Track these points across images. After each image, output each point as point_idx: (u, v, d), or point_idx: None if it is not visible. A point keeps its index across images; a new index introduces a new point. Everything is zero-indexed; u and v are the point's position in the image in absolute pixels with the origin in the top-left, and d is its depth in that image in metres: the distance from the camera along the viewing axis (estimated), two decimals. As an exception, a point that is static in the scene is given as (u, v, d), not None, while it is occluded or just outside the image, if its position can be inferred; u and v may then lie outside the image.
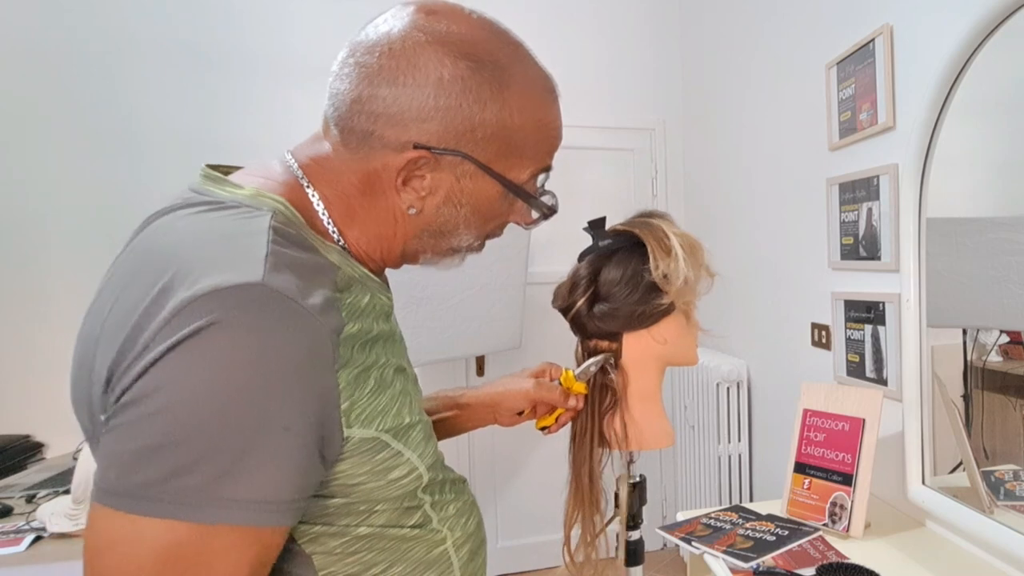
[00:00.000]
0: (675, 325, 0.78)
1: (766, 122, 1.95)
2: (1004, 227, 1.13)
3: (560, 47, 2.51)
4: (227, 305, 0.41)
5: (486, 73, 0.52)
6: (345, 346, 0.49)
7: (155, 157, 2.13)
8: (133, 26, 2.14)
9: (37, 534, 1.32)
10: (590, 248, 0.80)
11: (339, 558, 0.53)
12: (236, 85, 2.20)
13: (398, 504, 0.56)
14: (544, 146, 0.58)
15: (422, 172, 0.53)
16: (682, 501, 2.40)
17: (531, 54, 0.58)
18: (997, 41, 1.05)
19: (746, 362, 2.10)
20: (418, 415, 0.57)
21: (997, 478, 1.11)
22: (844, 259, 1.52)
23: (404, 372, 0.58)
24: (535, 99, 0.56)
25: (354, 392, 0.49)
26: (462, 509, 0.63)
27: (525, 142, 0.56)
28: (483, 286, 2.05)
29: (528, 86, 0.55)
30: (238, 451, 0.41)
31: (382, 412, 0.52)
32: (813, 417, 1.30)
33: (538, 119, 0.56)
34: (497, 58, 0.53)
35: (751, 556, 1.10)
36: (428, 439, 0.58)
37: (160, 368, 0.40)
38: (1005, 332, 1.16)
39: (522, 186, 0.58)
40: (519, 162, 0.56)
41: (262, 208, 0.50)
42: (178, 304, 0.41)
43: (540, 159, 0.59)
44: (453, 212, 0.56)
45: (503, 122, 0.53)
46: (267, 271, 0.43)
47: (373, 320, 0.54)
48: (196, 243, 0.46)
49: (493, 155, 0.54)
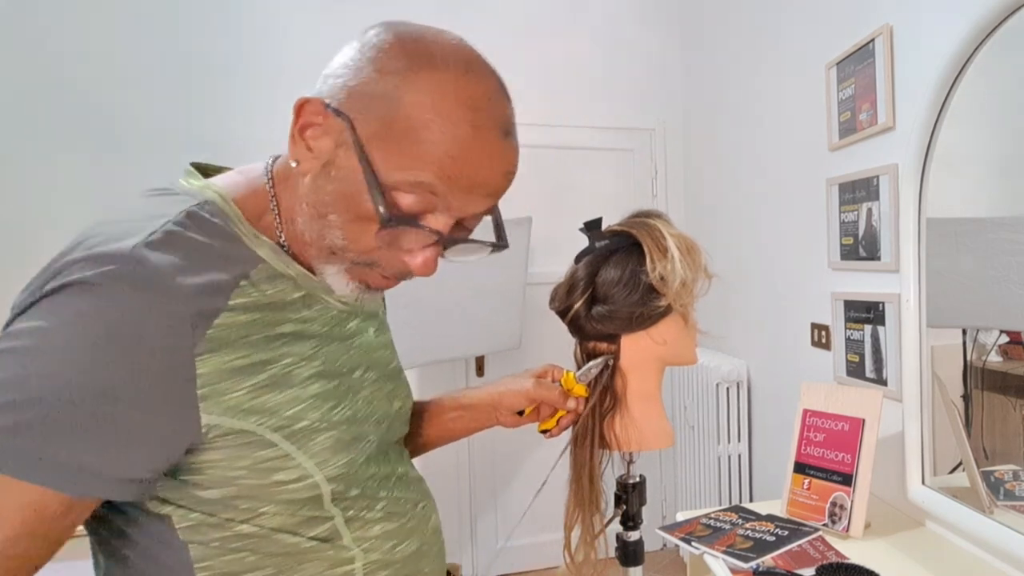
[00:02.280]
0: (674, 326, 0.78)
1: (766, 122, 1.95)
2: (1004, 227, 1.13)
3: (560, 47, 2.51)
4: (89, 268, 0.44)
5: (404, 51, 0.49)
6: (222, 332, 0.48)
7: (155, 159, 2.12)
8: (134, 31, 2.14)
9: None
10: (587, 249, 0.80)
11: (218, 552, 0.52)
12: (236, 90, 2.20)
13: (293, 510, 0.54)
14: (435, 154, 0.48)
15: (315, 131, 0.50)
16: (682, 501, 2.40)
17: (488, 81, 0.51)
18: (997, 41, 1.05)
19: (746, 362, 2.10)
20: (329, 422, 0.55)
21: (997, 478, 1.11)
22: (844, 259, 1.52)
23: (332, 377, 0.57)
24: (452, 103, 0.48)
25: (225, 381, 0.48)
26: (392, 533, 0.61)
27: (414, 136, 0.47)
28: (483, 286, 2.05)
29: (446, 88, 0.48)
30: (42, 406, 0.42)
31: (270, 410, 0.51)
32: (813, 417, 1.29)
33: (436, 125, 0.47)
34: (429, 49, 0.49)
35: (751, 556, 1.10)
36: (342, 450, 0.56)
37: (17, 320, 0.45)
38: (1005, 332, 1.16)
39: (387, 185, 0.48)
40: (398, 159, 0.48)
41: (199, 197, 0.53)
42: (60, 264, 0.45)
43: (422, 166, 0.48)
44: (324, 186, 0.50)
45: (394, 101, 0.47)
46: (143, 245, 0.46)
47: (296, 316, 0.54)
48: (112, 221, 0.50)
49: (372, 133, 0.48)
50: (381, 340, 0.68)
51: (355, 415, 0.59)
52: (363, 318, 0.65)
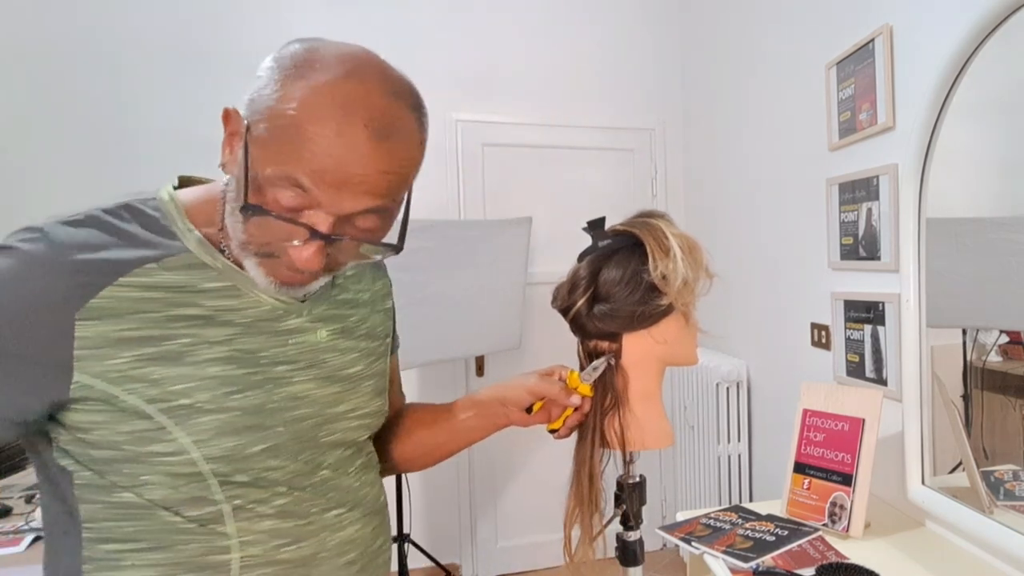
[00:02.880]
0: (675, 325, 0.78)
1: (766, 122, 1.95)
2: (1004, 227, 1.13)
3: (560, 47, 2.51)
4: (14, 236, 0.54)
5: (294, 62, 0.54)
6: (107, 302, 0.54)
7: (155, 158, 2.12)
8: (134, 27, 2.14)
9: (36, 534, 1.32)
10: (589, 248, 0.80)
11: (103, 516, 0.56)
12: (236, 87, 2.20)
13: (176, 485, 0.56)
14: (299, 151, 0.51)
15: (232, 141, 0.57)
16: (682, 501, 2.40)
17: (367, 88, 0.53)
18: (997, 41, 1.05)
19: (746, 362, 2.10)
20: (219, 406, 0.56)
21: (997, 478, 1.11)
22: (844, 259, 1.52)
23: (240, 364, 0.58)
24: (320, 106, 0.51)
25: (107, 347, 0.53)
26: (283, 532, 0.60)
27: (282, 133, 0.51)
28: (483, 286, 2.05)
29: (321, 92, 0.51)
30: None
31: (152, 382, 0.54)
32: (813, 417, 1.30)
33: (307, 123, 0.51)
34: (315, 60, 0.53)
35: (751, 556, 1.10)
36: (229, 434, 0.57)
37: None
38: (1005, 332, 1.16)
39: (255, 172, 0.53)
40: (268, 153, 0.52)
41: (150, 195, 0.61)
42: None
43: (287, 162, 0.52)
44: (229, 183, 0.57)
45: (276, 100, 0.53)
46: (59, 222, 0.56)
47: (205, 303, 0.58)
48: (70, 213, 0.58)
49: (255, 129, 0.54)
50: (337, 344, 0.67)
51: (262, 405, 0.59)
52: (312, 319, 0.65)
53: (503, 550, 2.48)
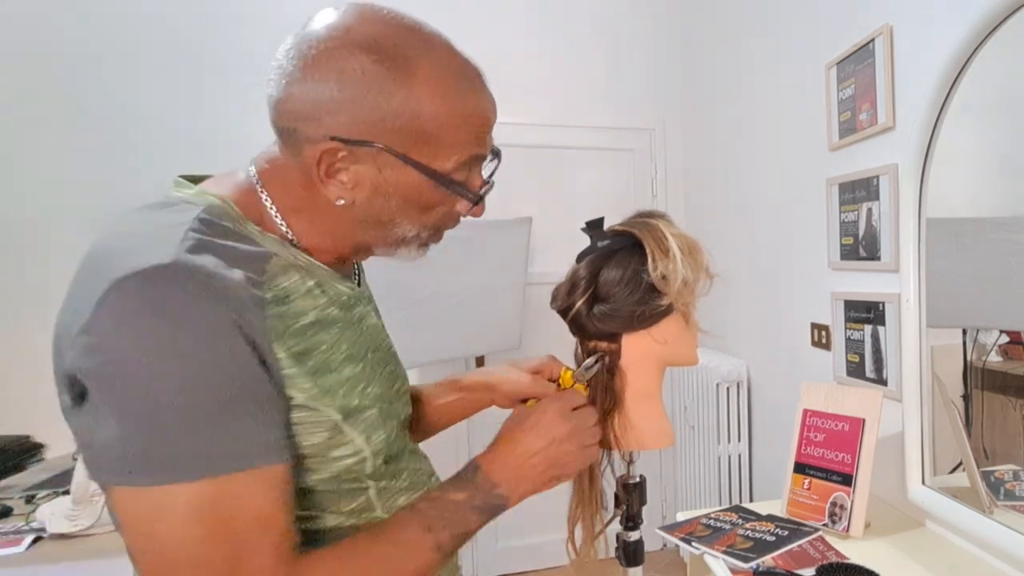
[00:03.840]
0: (675, 326, 0.78)
1: (766, 122, 1.95)
2: (1004, 227, 1.13)
3: (560, 47, 2.51)
4: (148, 283, 0.44)
5: (389, 64, 0.52)
6: (274, 322, 0.51)
7: (156, 158, 2.12)
8: (134, 27, 2.14)
9: (37, 535, 1.32)
10: (589, 249, 0.80)
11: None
12: (237, 86, 2.20)
13: (337, 486, 0.57)
14: (465, 133, 0.56)
15: (343, 164, 0.54)
16: (682, 501, 2.40)
17: (448, 44, 0.57)
18: (997, 41, 1.05)
19: (746, 362, 2.10)
20: (368, 400, 0.59)
21: (997, 478, 1.11)
22: (844, 259, 1.52)
23: (357, 359, 0.59)
24: (448, 87, 0.55)
25: (293, 367, 0.52)
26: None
27: (442, 130, 0.55)
28: (483, 286, 2.05)
29: (439, 74, 0.54)
30: (212, 408, 0.45)
31: (329, 392, 0.55)
32: (813, 417, 1.29)
33: (453, 106, 0.55)
34: (402, 49, 0.53)
35: (751, 556, 1.10)
36: (380, 426, 0.59)
37: (108, 349, 0.44)
38: (1005, 332, 1.17)
39: (448, 174, 0.56)
40: (439, 151, 0.55)
41: (199, 203, 0.54)
42: (107, 289, 0.44)
43: (465, 147, 0.57)
44: (384, 203, 0.57)
45: (413, 111, 0.53)
46: (180, 252, 0.47)
47: (314, 304, 0.56)
48: (127, 236, 0.51)
49: (411, 144, 0.54)
50: (380, 323, 0.72)
51: (384, 393, 0.62)
52: (365, 302, 0.67)
53: (503, 550, 2.48)
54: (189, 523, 0.44)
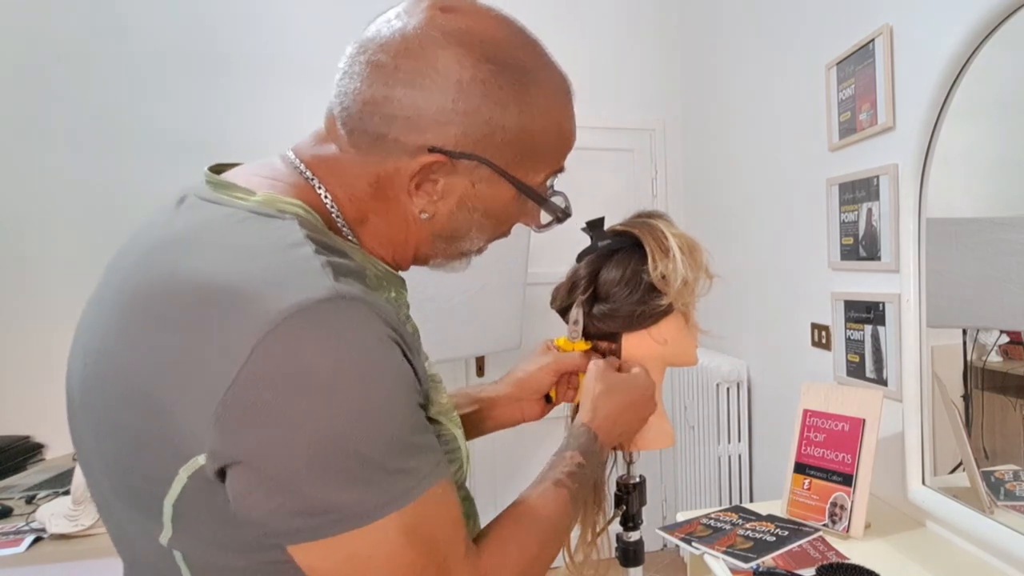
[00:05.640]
0: (675, 326, 0.78)
1: (766, 122, 1.95)
2: (1004, 227, 1.13)
3: (560, 47, 2.48)
4: (317, 322, 0.40)
5: (507, 76, 0.49)
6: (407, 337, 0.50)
7: (156, 158, 2.13)
8: (134, 28, 2.14)
9: (37, 535, 1.32)
10: (589, 248, 0.80)
11: None
12: (236, 86, 2.20)
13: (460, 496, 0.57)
14: (561, 148, 0.56)
15: (436, 176, 0.51)
16: (682, 501, 2.40)
17: (548, 53, 0.55)
18: (997, 41, 1.05)
19: (746, 362, 2.10)
20: (448, 408, 0.58)
21: (997, 478, 1.11)
22: (844, 259, 1.52)
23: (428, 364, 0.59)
24: (555, 101, 0.54)
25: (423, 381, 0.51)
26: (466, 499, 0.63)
27: (544, 145, 0.54)
28: (483, 286, 2.05)
29: (549, 89, 0.53)
30: (407, 432, 0.45)
31: (441, 405, 0.55)
32: (813, 417, 1.29)
33: (557, 122, 0.54)
34: (519, 60, 0.51)
35: (751, 556, 1.10)
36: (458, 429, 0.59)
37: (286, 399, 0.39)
38: (1005, 332, 1.16)
39: (535, 189, 0.55)
40: (535, 165, 0.54)
41: (282, 215, 0.47)
42: (262, 334, 0.39)
43: (555, 161, 0.57)
44: (466, 217, 0.54)
45: (523, 126, 0.51)
46: (331, 281, 0.42)
47: (403, 315, 0.55)
48: (237, 265, 0.43)
49: (511, 159, 0.52)
50: None
51: (449, 401, 0.61)
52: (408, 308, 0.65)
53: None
54: (403, 548, 0.43)
